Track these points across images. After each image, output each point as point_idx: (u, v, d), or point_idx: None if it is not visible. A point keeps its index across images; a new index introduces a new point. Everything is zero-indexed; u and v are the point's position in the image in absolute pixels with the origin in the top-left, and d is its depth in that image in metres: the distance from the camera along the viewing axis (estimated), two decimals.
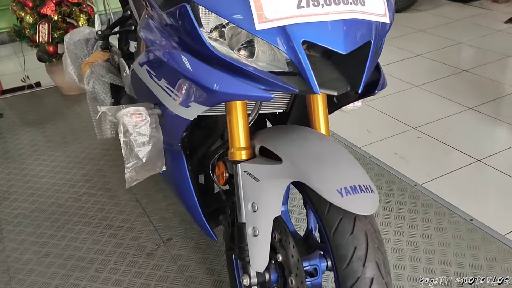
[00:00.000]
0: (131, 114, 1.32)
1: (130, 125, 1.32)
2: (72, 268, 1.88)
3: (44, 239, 2.04)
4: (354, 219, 1.05)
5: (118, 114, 1.34)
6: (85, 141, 2.82)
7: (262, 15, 0.98)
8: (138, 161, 1.35)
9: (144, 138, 1.33)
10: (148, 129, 1.34)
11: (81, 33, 2.38)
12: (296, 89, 1.04)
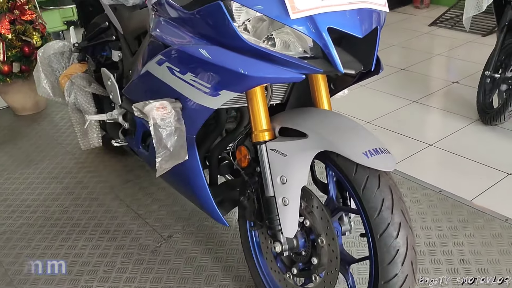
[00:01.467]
0: (157, 108, 1.43)
1: (158, 118, 1.42)
2: (79, 272, 1.90)
3: (41, 250, 2.04)
4: (379, 176, 1.23)
5: (146, 109, 1.44)
6: (55, 157, 2.81)
7: (294, 6, 1.14)
8: (166, 150, 1.45)
9: (170, 129, 1.44)
10: (173, 121, 1.44)
11: (55, 47, 2.41)
12: (322, 69, 1.22)
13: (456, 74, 3.80)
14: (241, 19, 1.23)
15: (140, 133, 1.89)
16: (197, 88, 1.38)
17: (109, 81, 2.16)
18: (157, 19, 1.54)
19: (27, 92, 3.27)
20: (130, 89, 1.84)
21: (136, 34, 1.96)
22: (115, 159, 2.73)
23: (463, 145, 2.75)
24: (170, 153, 1.46)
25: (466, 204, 2.13)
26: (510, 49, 2.93)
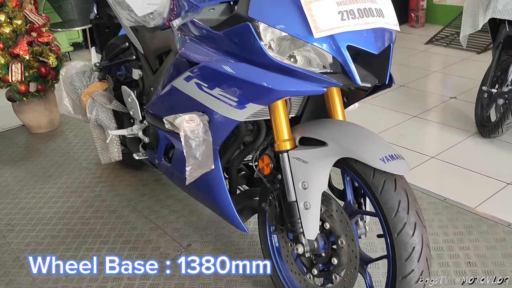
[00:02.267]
0: (186, 120, 1.55)
1: (188, 130, 1.54)
2: (104, 280, 1.99)
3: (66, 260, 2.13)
4: (395, 179, 1.34)
5: (176, 121, 1.55)
6: (73, 172, 2.91)
7: (317, 27, 1.27)
8: (195, 160, 1.56)
9: (199, 140, 1.55)
10: (201, 133, 1.56)
11: (77, 67, 2.54)
12: (341, 83, 1.34)
13: (453, 90, 3.95)
14: (267, 38, 1.36)
15: (162, 146, 2.00)
16: (224, 102, 1.50)
17: (129, 98, 2.28)
18: (184, 39, 1.67)
19: (42, 111, 3.38)
20: (154, 104, 1.95)
21: (158, 54, 2.09)
22: (130, 174, 2.84)
23: (463, 157, 2.87)
24: (198, 163, 1.57)
25: (470, 211, 2.24)
26: (505, 65, 3.08)
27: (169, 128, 1.63)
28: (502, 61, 3.11)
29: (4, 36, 3.05)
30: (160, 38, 2.02)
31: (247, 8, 1.33)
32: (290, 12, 1.30)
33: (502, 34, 3.07)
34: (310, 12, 1.28)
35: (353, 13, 1.31)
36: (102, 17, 2.84)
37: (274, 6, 1.32)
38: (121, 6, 2.26)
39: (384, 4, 1.37)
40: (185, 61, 1.68)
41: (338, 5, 1.30)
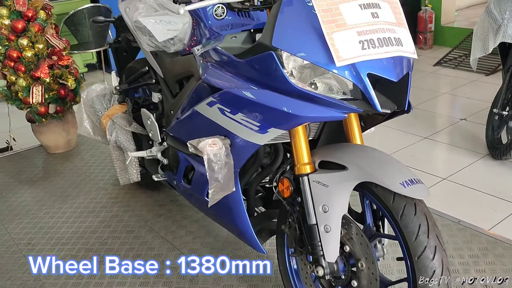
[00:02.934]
0: (209, 144, 1.60)
1: (211, 153, 1.59)
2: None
3: (86, 280, 2.17)
4: (414, 204, 1.38)
5: (200, 145, 1.60)
6: (90, 193, 2.97)
7: (339, 56, 1.33)
8: (217, 183, 1.61)
9: (221, 163, 1.60)
10: (223, 156, 1.61)
11: (97, 90, 2.61)
12: (362, 109, 1.39)
13: (463, 112, 3.99)
14: (289, 66, 1.41)
15: (182, 168, 2.05)
16: (246, 126, 1.55)
17: (149, 120, 2.34)
18: (206, 65, 1.73)
19: (60, 132, 3.46)
20: (175, 127, 2.01)
21: (178, 78, 2.15)
22: (146, 194, 2.88)
23: (475, 179, 2.90)
24: (220, 185, 1.62)
25: (484, 233, 2.27)
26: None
27: (192, 152, 1.68)
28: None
29: (26, 60, 3.14)
30: (181, 63, 2.08)
31: (271, 38, 1.39)
32: (312, 42, 1.35)
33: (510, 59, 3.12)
34: (332, 42, 1.33)
35: (373, 43, 1.36)
36: (121, 41, 2.92)
37: (297, 36, 1.37)
38: (142, 31, 2.33)
39: (402, 34, 1.43)
40: (207, 87, 1.74)
41: (358, 35, 1.35)
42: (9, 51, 3.15)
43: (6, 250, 2.45)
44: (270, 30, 1.41)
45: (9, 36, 3.13)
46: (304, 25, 1.37)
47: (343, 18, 1.36)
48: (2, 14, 3.10)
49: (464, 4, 6.58)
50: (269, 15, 1.44)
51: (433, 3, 5.73)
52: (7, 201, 2.96)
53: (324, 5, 1.36)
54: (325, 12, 1.35)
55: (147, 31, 2.28)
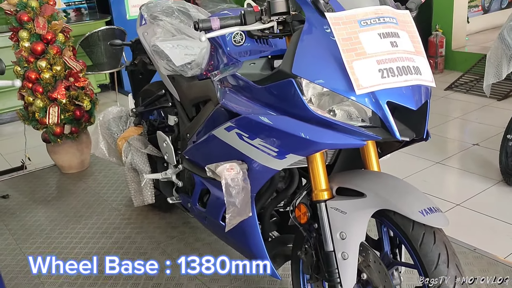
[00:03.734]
0: (227, 169, 1.61)
1: (229, 178, 1.60)
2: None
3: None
4: (434, 232, 1.38)
5: (218, 170, 1.62)
6: (103, 213, 2.98)
7: (359, 84, 1.34)
8: (235, 208, 1.61)
9: (238, 188, 1.61)
10: (241, 181, 1.62)
11: (113, 112, 2.64)
12: (381, 137, 1.40)
13: (475, 137, 3.98)
14: (308, 94, 1.43)
15: (198, 191, 2.06)
16: (264, 151, 1.56)
17: (164, 143, 2.37)
18: (225, 91, 1.75)
19: (74, 152, 3.49)
20: (192, 151, 2.03)
21: (195, 102, 2.17)
22: (158, 216, 2.89)
23: (489, 205, 2.88)
24: (237, 210, 1.62)
25: (501, 262, 2.24)
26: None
27: (210, 176, 1.69)
28: None
29: (44, 81, 3.19)
30: (198, 88, 2.11)
31: (291, 65, 1.41)
32: (332, 69, 1.37)
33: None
34: (352, 70, 1.35)
35: (393, 71, 1.37)
36: (137, 64, 2.97)
37: (317, 64, 1.39)
38: (160, 55, 2.38)
39: (421, 62, 1.44)
40: (225, 112, 1.76)
41: (378, 63, 1.37)
42: (28, 72, 3.20)
43: (20, 270, 2.46)
44: (290, 58, 1.43)
45: (29, 58, 3.19)
46: (324, 53, 1.40)
47: (363, 47, 1.38)
48: (22, 37, 3.16)
49: (475, 29, 6.61)
50: (290, 43, 1.46)
51: (444, 28, 5.77)
52: (21, 220, 2.98)
53: (344, 34, 1.38)
54: (345, 41, 1.37)
55: (164, 55, 2.32)
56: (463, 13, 5.94)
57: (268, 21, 1.55)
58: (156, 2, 2.45)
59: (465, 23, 6.04)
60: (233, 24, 1.57)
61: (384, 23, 1.42)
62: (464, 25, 6.01)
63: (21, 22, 3.16)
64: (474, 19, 6.59)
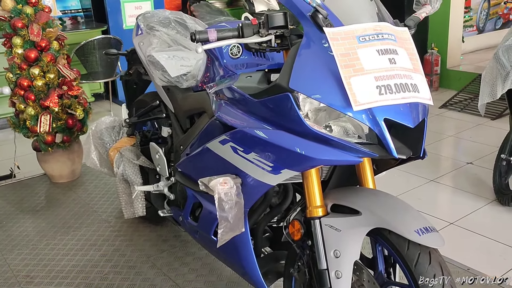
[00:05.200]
0: (221, 183, 1.58)
1: (222, 192, 1.57)
2: None
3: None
4: (429, 252, 1.35)
5: (211, 184, 1.58)
6: (92, 225, 2.92)
7: (356, 100, 1.32)
8: (227, 223, 1.58)
9: (232, 203, 1.58)
10: (234, 196, 1.59)
11: (106, 122, 2.61)
12: (377, 154, 1.38)
13: (469, 155, 3.97)
14: (305, 109, 1.41)
15: (190, 205, 2.02)
16: (259, 166, 1.53)
17: (157, 154, 2.33)
18: (220, 103, 1.73)
19: (65, 161, 3.44)
20: (185, 163, 1.99)
21: (189, 114, 2.15)
22: (149, 229, 2.84)
23: (483, 224, 2.86)
24: (230, 225, 1.59)
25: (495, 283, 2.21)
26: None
27: (203, 189, 1.66)
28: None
29: (36, 89, 3.16)
30: (193, 99, 2.08)
31: (288, 80, 1.40)
32: (329, 85, 1.36)
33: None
34: (349, 86, 1.33)
35: (390, 88, 1.36)
36: (132, 74, 2.95)
37: (314, 79, 1.38)
38: (155, 66, 2.35)
39: (419, 80, 1.43)
40: (220, 125, 1.73)
41: (376, 80, 1.35)
42: (20, 79, 3.17)
43: (4, 282, 2.40)
44: (287, 72, 1.41)
45: (21, 65, 3.15)
46: (322, 68, 1.38)
47: (361, 63, 1.36)
48: (16, 44, 3.13)
49: (470, 48, 6.66)
50: (287, 57, 1.45)
51: (439, 46, 5.80)
52: (7, 230, 2.92)
53: (342, 50, 1.37)
54: (343, 57, 1.36)
55: (160, 66, 2.30)
56: (458, 32, 5.98)
57: (266, 34, 1.53)
58: (153, 12, 2.43)
59: (460, 42, 6.09)
60: (230, 36, 1.55)
61: (382, 39, 1.41)
62: (459, 44, 6.05)
63: (15, 28, 3.13)
64: (468, 38, 6.64)
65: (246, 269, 1.79)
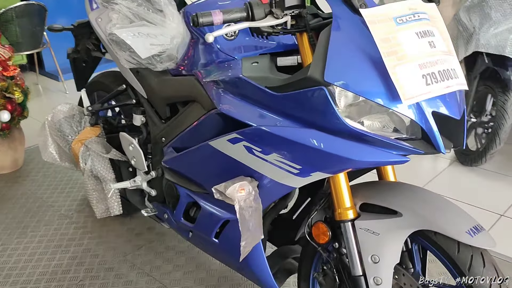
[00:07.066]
0: (238, 190, 1.38)
1: (242, 200, 1.38)
2: None
3: None
4: (481, 254, 1.26)
5: (228, 191, 1.39)
6: (51, 222, 2.61)
7: (405, 94, 1.17)
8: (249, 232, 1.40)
9: (251, 210, 1.40)
10: (253, 202, 1.40)
11: (64, 111, 2.28)
12: (423, 151, 1.24)
13: None
14: (342, 104, 1.24)
15: (183, 204, 1.81)
16: (282, 168, 1.36)
17: (131, 146, 2.07)
18: (222, 94, 1.50)
19: (6, 150, 3.05)
20: (177, 161, 1.77)
21: (170, 102, 1.90)
22: (118, 222, 2.59)
23: (447, 185, 2.90)
24: (251, 234, 1.41)
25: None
26: (483, 95, 3.17)
27: (218, 198, 1.46)
28: (480, 92, 3.19)
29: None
30: (176, 86, 1.83)
31: (322, 71, 1.21)
32: (372, 77, 1.19)
33: (480, 65, 3.14)
34: (395, 77, 1.17)
35: (435, 76, 1.22)
36: (80, 50, 2.61)
37: (354, 71, 1.20)
38: (120, 46, 2.06)
39: (455, 63, 1.29)
40: (223, 119, 1.53)
41: (420, 68, 1.20)
42: None
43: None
44: (320, 62, 1.22)
45: None
46: (360, 56, 1.21)
47: (403, 49, 1.20)
48: None
49: None
50: (318, 45, 1.25)
51: None
52: None
53: (381, 34, 1.20)
54: (384, 43, 1.19)
55: (126, 45, 2.01)
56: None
57: (282, 15, 1.31)
58: None
59: None
60: (238, 18, 1.32)
61: (419, 20, 1.26)
62: None
63: None
64: None
65: (256, 272, 1.63)
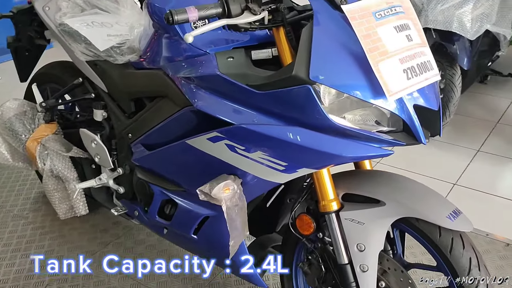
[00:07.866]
0: (222, 190, 1.37)
1: (228, 199, 1.36)
2: None
3: None
4: (460, 236, 1.33)
5: (214, 192, 1.36)
6: (5, 225, 2.47)
7: (389, 89, 1.18)
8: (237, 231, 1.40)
9: (237, 208, 1.39)
10: (238, 200, 1.39)
11: (13, 108, 2.14)
12: (404, 142, 1.28)
13: None
14: (326, 101, 1.24)
15: (158, 202, 1.76)
16: (268, 166, 1.35)
17: (93, 143, 1.99)
18: (197, 91, 1.46)
19: None
20: (150, 159, 1.71)
21: (135, 96, 1.82)
22: (80, 219, 2.49)
23: (402, 156, 2.90)
24: (237, 233, 1.41)
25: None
26: None
27: (203, 199, 1.43)
28: None
29: None
30: (142, 80, 1.76)
31: (307, 70, 1.20)
32: (355, 74, 1.20)
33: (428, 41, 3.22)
34: (379, 73, 1.19)
35: (415, 70, 1.24)
36: (22, 39, 2.45)
37: (338, 69, 1.20)
38: (73, 37, 1.95)
39: (430, 55, 1.33)
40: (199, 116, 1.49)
41: (401, 62, 1.23)
42: None
43: None
44: (304, 60, 1.21)
45: None
46: (343, 53, 1.21)
47: (384, 44, 1.22)
48: None
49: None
50: (300, 42, 1.24)
51: None
52: None
53: (363, 30, 1.21)
54: (366, 39, 1.20)
55: (80, 37, 1.91)
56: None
57: (259, 11, 1.29)
58: None
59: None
60: (214, 14, 1.28)
61: (396, 13, 1.28)
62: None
63: None
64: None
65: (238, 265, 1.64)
